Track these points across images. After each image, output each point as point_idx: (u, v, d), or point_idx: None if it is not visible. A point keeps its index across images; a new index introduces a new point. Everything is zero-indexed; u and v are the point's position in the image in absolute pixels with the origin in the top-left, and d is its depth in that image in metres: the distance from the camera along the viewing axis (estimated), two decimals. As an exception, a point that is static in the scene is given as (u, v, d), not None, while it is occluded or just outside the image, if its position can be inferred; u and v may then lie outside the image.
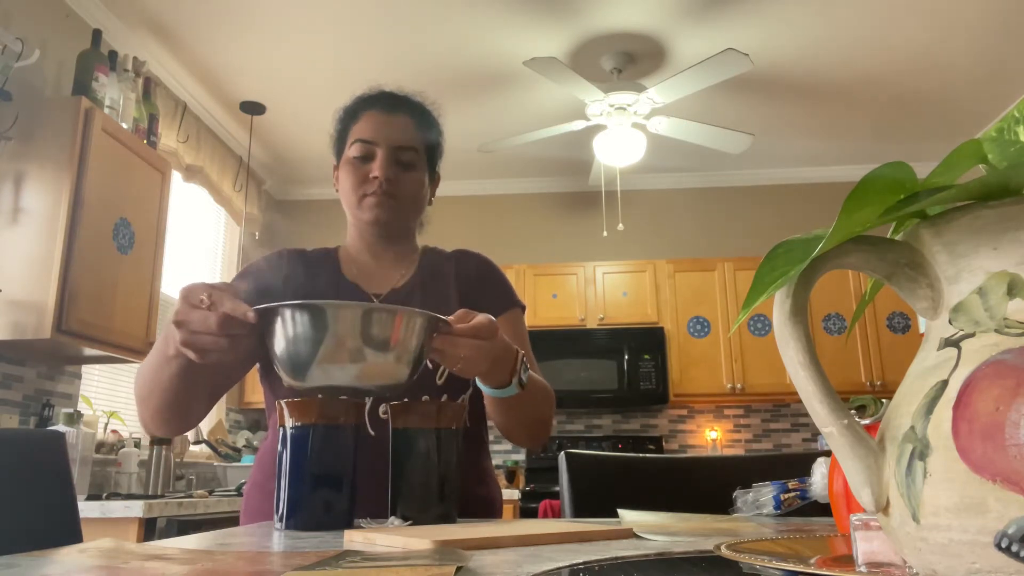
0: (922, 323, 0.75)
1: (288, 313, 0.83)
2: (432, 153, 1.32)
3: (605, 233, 4.90)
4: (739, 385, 4.59)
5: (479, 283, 1.31)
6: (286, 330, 0.83)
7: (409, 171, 1.25)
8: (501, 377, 1.01)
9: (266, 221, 4.97)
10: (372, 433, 1.10)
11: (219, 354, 0.85)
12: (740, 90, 4.03)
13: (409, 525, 0.87)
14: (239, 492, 3.17)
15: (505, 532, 0.71)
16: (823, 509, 0.95)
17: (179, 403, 1.05)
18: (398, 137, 1.24)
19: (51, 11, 2.99)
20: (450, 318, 0.92)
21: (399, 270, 1.30)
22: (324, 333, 0.82)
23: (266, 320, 0.84)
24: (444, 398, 1.02)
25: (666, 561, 0.58)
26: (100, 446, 3.10)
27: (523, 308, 1.34)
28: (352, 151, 1.24)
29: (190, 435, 3.55)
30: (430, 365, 1.02)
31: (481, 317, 0.93)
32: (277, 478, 0.88)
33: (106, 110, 2.88)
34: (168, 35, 3.48)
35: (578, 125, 3.84)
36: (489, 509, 1.23)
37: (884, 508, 0.39)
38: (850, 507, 0.70)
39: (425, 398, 1.04)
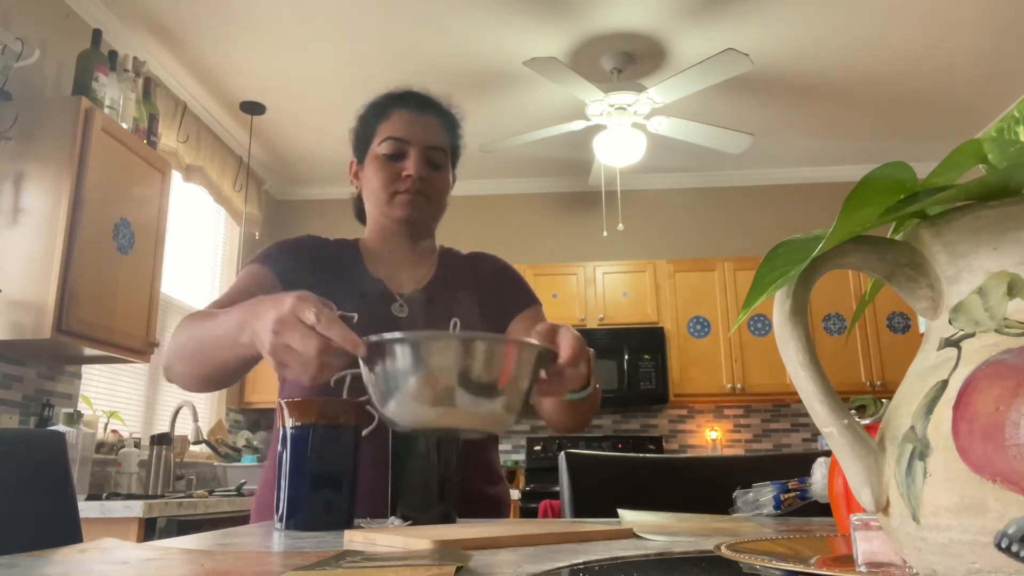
0: (922, 323, 0.75)
1: (406, 350, 0.74)
2: (455, 155, 1.33)
3: (605, 233, 4.90)
4: (739, 385, 4.59)
5: (497, 283, 1.33)
6: (397, 366, 0.74)
7: (439, 171, 1.27)
8: (579, 383, 0.98)
9: (266, 221, 4.97)
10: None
11: (302, 374, 0.79)
12: (740, 90, 4.03)
13: (409, 525, 0.87)
14: (239, 492, 3.17)
15: (505, 532, 0.71)
16: (823, 509, 0.95)
17: (222, 375, 1.06)
18: (430, 137, 1.25)
19: (51, 11, 2.99)
20: (538, 330, 0.87)
21: (420, 269, 1.31)
22: (444, 373, 0.73)
23: (375, 353, 0.76)
24: None
25: (666, 561, 0.58)
26: (100, 446, 3.10)
27: (540, 305, 1.35)
28: (382, 148, 1.24)
29: (190, 435, 3.54)
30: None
31: (573, 340, 0.89)
32: (277, 478, 0.88)
33: (106, 110, 2.88)
34: (168, 35, 3.48)
35: (578, 125, 3.83)
36: (499, 508, 1.23)
37: (884, 508, 0.39)
38: (850, 507, 0.70)
39: None
